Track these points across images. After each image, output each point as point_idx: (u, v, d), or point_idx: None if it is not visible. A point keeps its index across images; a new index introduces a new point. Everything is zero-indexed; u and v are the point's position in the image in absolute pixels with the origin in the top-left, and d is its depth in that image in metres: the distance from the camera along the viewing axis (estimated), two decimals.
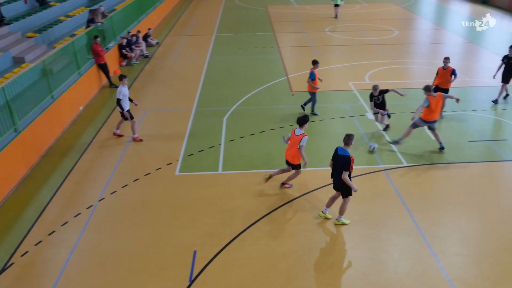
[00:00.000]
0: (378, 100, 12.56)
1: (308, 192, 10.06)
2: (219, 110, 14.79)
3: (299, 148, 9.44)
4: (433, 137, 12.07)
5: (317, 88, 13.80)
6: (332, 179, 8.85)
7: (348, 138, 8.50)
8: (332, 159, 8.72)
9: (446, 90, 13.41)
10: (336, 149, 8.65)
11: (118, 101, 12.31)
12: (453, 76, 13.47)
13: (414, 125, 11.76)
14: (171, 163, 11.49)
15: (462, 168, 11.06)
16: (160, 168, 11.28)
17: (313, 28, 26.89)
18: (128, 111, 12.54)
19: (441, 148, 11.78)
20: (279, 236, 8.65)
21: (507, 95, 15.24)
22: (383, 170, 10.92)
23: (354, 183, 8.82)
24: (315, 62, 13.85)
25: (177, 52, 22.18)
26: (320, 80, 14.09)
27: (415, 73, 18.49)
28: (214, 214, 9.38)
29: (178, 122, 13.98)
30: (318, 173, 10.83)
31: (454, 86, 16.48)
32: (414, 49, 22.29)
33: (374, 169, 10.96)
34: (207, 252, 8.25)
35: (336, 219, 8.99)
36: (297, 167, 9.83)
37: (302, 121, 9.57)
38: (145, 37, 23.03)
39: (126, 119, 12.61)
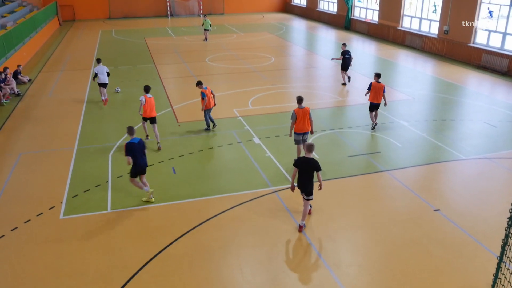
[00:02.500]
0: None
1: (203, 222, 9.99)
2: (104, 146, 14.18)
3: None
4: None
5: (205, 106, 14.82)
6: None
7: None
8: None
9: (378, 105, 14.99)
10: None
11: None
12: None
13: (297, 141, 12.34)
14: (54, 207, 10.69)
15: (345, 181, 11.81)
16: (41, 213, 10.44)
17: (194, 58, 27.21)
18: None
19: None
20: (178, 270, 8.43)
21: (349, 78, 20.69)
22: (274, 192, 11.25)
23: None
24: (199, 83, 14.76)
25: (52, 89, 20.94)
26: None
27: (294, 96, 19.48)
28: (105, 256, 8.87)
29: (58, 162, 13.12)
30: (214, 202, 10.83)
31: (330, 106, 17.72)
32: (291, 73, 23.55)
33: (265, 192, 11.24)
34: None
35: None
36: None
37: (147, 88, 13.67)
38: (15, 74, 21.44)
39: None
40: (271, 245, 9.16)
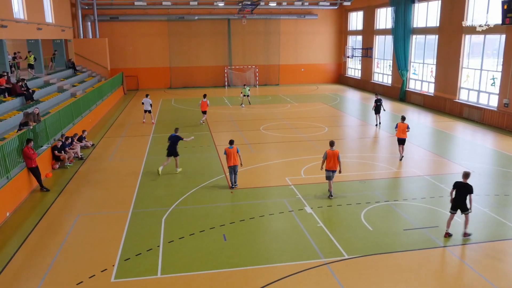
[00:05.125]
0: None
1: None
2: (157, 210, 14.47)
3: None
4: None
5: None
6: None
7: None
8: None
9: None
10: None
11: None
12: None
13: (327, 177, 15.09)
14: (106, 269, 10.85)
15: (401, 256, 11.29)
16: (94, 275, 10.60)
17: (248, 127, 27.83)
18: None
19: (330, 195, 15.11)
20: None
21: (380, 123, 27.14)
22: (325, 264, 10.91)
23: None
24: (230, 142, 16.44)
25: (113, 153, 21.94)
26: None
27: (347, 165, 19.30)
28: None
29: (114, 225, 13.47)
30: (263, 271, 10.62)
31: (384, 177, 17.36)
32: (344, 143, 23.49)
33: (316, 264, 10.92)
34: None
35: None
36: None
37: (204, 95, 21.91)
38: (80, 139, 22.73)
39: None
40: None
